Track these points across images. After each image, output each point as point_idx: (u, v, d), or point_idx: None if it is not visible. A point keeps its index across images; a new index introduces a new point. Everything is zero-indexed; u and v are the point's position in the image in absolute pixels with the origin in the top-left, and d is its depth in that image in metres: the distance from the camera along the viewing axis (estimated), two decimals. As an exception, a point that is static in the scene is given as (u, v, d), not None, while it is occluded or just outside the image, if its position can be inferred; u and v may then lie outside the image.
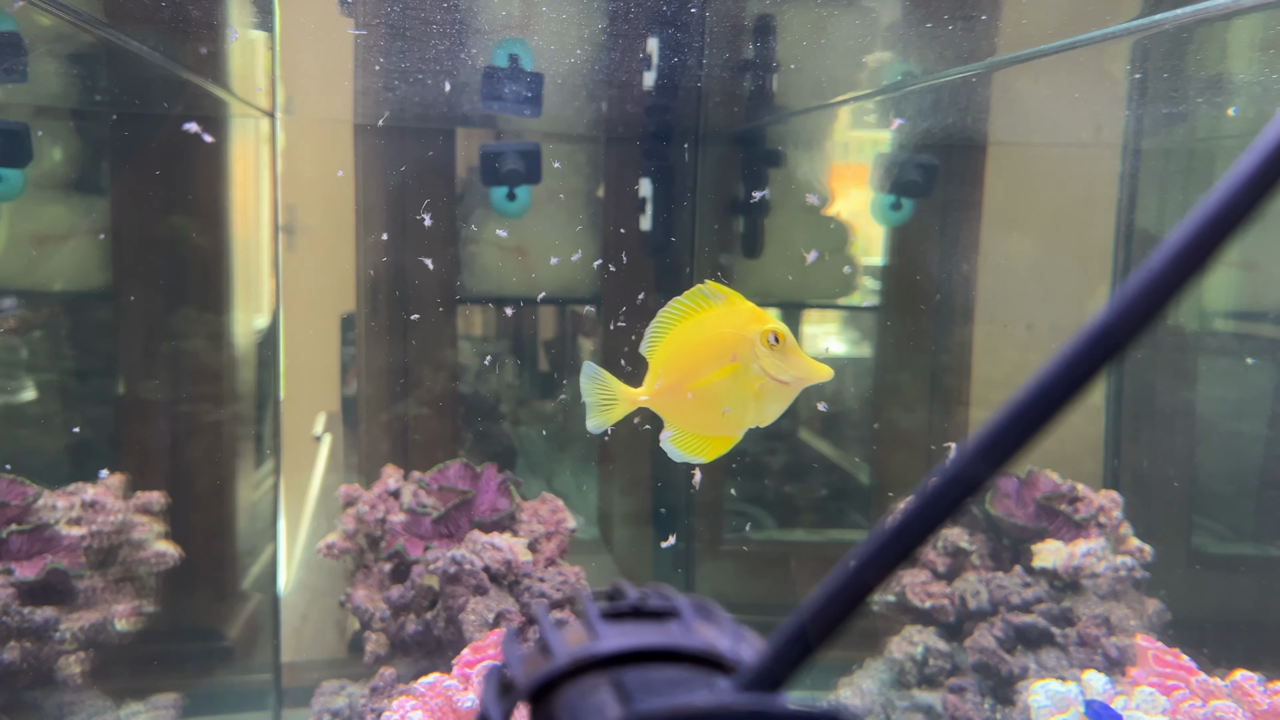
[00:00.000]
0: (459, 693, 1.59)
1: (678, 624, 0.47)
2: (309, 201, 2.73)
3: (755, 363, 1.37)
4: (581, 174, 2.88)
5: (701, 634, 0.46)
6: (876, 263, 2.97)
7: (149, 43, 2.18)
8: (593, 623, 0.46)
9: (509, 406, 2.97)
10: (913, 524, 0.38)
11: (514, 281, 2.85)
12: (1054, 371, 0.36)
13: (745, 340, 1.37)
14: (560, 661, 0.43)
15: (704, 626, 0.47)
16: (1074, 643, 2.00)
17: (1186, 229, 0.34)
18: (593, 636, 0.45)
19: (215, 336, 2.65)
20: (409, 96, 2.53)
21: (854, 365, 3.17)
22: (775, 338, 1.35)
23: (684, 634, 0.45)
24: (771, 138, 2.89)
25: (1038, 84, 2.48)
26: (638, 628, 0.46)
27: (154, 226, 2.58)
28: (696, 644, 0.44)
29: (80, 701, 2.05)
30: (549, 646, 0.45)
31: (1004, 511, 2.31)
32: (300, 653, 2.70)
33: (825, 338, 3.18)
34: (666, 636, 0.45)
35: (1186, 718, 1.64)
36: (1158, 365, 2.87)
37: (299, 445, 2.81)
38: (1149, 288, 0.35)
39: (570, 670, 0.43)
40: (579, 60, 2.39)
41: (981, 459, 0.36)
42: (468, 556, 1.99)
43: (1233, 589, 2.83)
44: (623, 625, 0.46)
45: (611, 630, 0.45)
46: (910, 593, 2.29)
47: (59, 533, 2.08)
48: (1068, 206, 2.88)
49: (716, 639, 0.45)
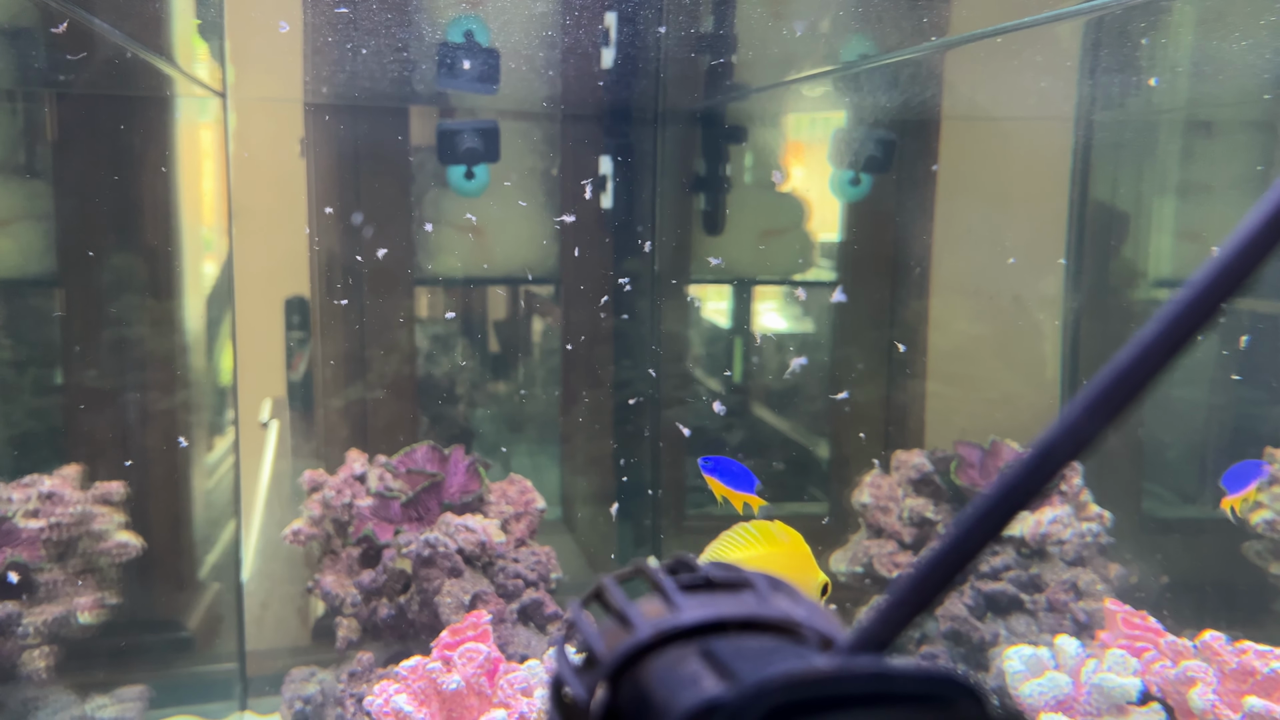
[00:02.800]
0: (442, 674, 1.58)
1: (752, 594, 0.46)
2: (260, 182, 2.67)
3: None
4: (538, 152, 2.86)
5: (778, 604, 0.46)
6: (834, 238, 2.99)
7: (93, 18, 2.12)
8: (670, 594, 0.45)
9: (465, 388, 2.95)
10: (1016, 487, 0.39)
11: (471, 261, 2.83)
12: (1156, 331, 0.36)
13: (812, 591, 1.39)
14: (644, 633, 0.43)
15: (778, 596, 0.47)
16: (1043, 608, 2.04)
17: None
18: (673, 608, 0.44)
19: (165, 322, 2.59)
20: (361, 74, 2.48)
21: (811, 340, 3.19)
22: (825, 589, 1.41)
23: (761, 604, 0.45)
24: (732, 114, 2.89)
25: (990, 58, 2.51)
26: (714, 598, 0.46)
27: (99, 210, 2.51)
28: (776, 613, 0.44)
29: (45, 697, 2.00)
30: (629, 619, 0.45)
31: (969, 481, 2.35)
32: (263, 641, 2.67)
33: (782, 314, 3.20)
34: (745, 606, 0.45)
35: (1158, 678, 1.69)
36: (1107, 336, 2.93)
37: (254, 431, 2.76)
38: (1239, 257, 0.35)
39: (654, 643, 0.43)
40: (536, 36, 2.37)
41: (1090, 416, 0.36)
42: (441, 539, 1.98)
43: (1181, 551, 2.92)
44: (699, 596, 0.46)
45: (690, 601, 0.45)
46: (878, 563, 2.32)
47: (16, 526, 2.03)
48: (1022, 179, 2.92)
49: (792, 609, 0.45)
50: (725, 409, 3.01)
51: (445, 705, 1.59)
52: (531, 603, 2.02)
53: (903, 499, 2.38)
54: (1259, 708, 1.58)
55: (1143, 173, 2.98)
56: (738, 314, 3.15)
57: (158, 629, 2.58)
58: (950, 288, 2.93)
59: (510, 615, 1.99)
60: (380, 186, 2.68)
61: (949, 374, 2.95)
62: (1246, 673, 1.63)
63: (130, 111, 2.50)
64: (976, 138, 2.95)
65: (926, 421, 2.93)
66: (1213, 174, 2.96)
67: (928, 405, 2.95)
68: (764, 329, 3.15)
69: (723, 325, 3.17)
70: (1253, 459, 2.36)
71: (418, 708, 1.57)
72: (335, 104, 2.67)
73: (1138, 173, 2.97)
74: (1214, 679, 1.65)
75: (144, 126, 2.51)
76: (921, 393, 2.96)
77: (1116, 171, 2.93)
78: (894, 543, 2.35)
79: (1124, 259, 2.98)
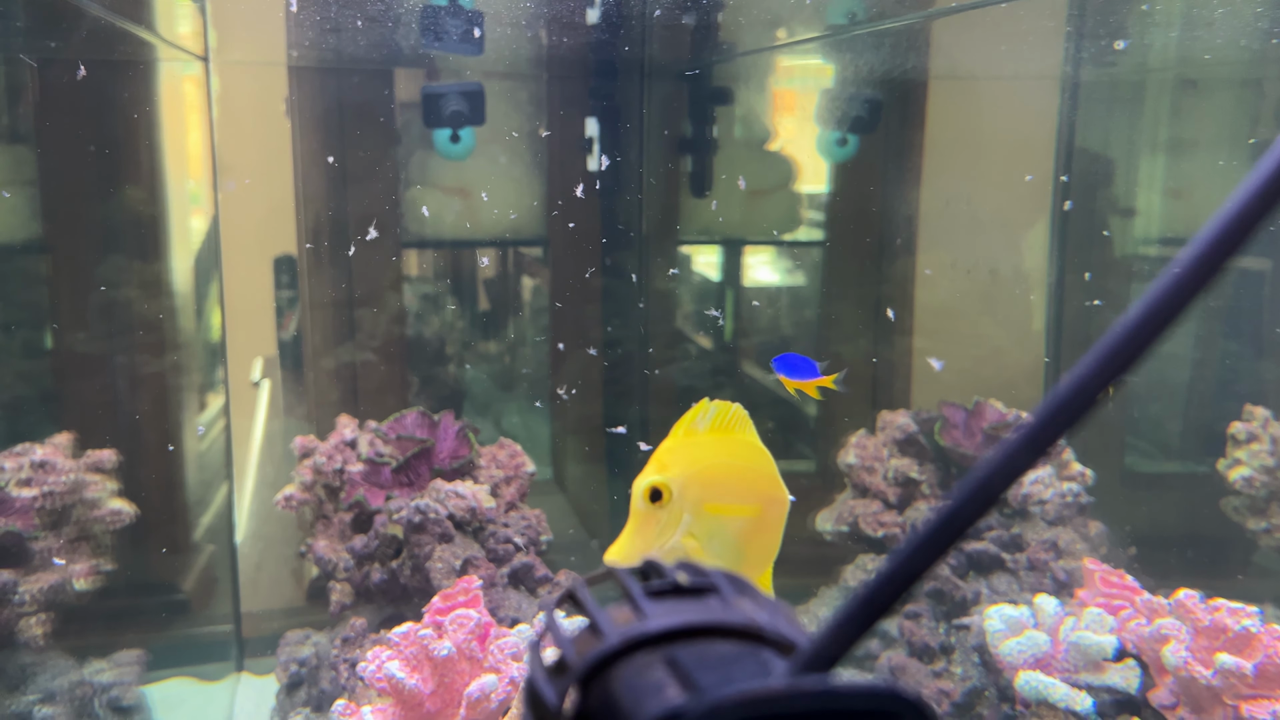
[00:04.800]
0: (434, 641, 1.62)
1: (717, 599, 0.48)
2: (245, 146, 2.67)
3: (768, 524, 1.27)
4: (524, 113, 2.85)
5: (741, 608, 0.48)
6: (822, 198, 2.99)
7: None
8: (639, 601, 0.47)
9: (455, 349, 2.96)
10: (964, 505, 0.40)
11: (458, 223, 2.83)
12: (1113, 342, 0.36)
13: (783, 502, 1.27)
14: (613, 641, 0.45)
15: (742, 600, 0.49)
16: (1024, 567, 2.08)
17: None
18: (640, 615, 0.46)
19: (153, 284, 2.59)
20: (345, 37, 2.47)
21: (797, 299, 3.21)
22: (657, 494, 1.23)
23: (725, 610, 0.47)
24: (719, 75, 2.88)
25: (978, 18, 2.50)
26: (680, 605, 0.48)
27: (84, 175, 2.50)
28: (739, 619, 0.46)
29: (43, 663, 2.03)
30: (599, 626, 0.47)
31: (952, 442, 2.38)
32: (258, 602, 2.70)
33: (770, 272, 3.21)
34: (710, 613, 0.47)
35: (1134, 635, 1.73)
36: (1091, 292, 2.95)
37: (244, 393, 2.78)
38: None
39: (622, 649, 0.45)
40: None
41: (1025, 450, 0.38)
42: (432, 505, 2.00)
43: (1162, 506, 2.96)
44: (666, 603, 0.48)
45: (657, 608, 0.47)
46: (863, 522, 2.36)
47: (9, 495, 2.04)
48: (1008, 139, 2.92)
49: (755, 613, 0.47)
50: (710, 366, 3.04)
51: (437, 671, 1.63)
52: (522, 566, 2.06)
53: (887, 459, 2.41)
54: (1230, 664, 1.62)
55: (1128, 130, 2.98)
56: (727, 273, 3.16)
57: (153, 592, 2.61)
58: (937, 245, 2.94)
59: (501, 579, 2.02)
60: (366, 148, 2.67)
61: (936, 330, 2.97)
62: (1219, 630, 1.67)
63: (113, 76, 2.49)
64: (964, 97, 2.94)
65: (913, 379, 2.96)
66: (1199, 131, 2.96)
67: (914, 362, 2.97)
68: (754, 285, 3.16)
69: (711, 284, 3.18)
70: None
71: (410, 674, 1.60)
72: (319, 67, 2.65)
73: (1123, 130, 2.97)
74: (1187, 636, 1.69)
75: (127, 91, 2.50)
76: (909, 349, 2.98)
77: (1102, 129, 2.93)
78: (879, 502, 2.38)
79: (1110, 214, 2.99)
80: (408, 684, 1.59)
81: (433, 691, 1.63)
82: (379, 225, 2.68)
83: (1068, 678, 1.74)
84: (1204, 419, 2.90)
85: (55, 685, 2.01)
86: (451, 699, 1.64)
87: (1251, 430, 2.40)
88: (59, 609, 2.06)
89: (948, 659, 2.02)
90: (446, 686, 1.64)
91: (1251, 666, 1.61)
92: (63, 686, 2.01)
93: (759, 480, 1.28)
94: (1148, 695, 1.75)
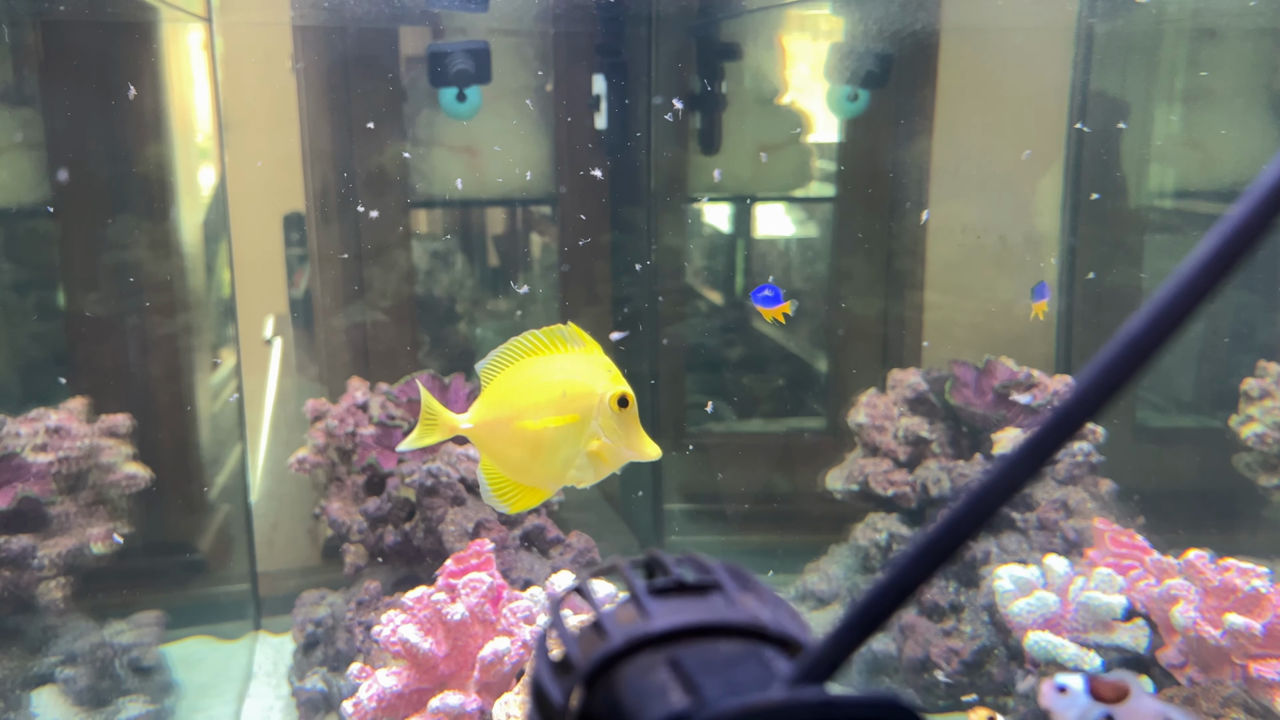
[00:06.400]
0: (447, 605, 1.63)
1: (721, 597, 0.49)
2: (252, 105, 2.65)
3: (597, 421, 1.28)
4: (530, 70, 2.82)
5: (744, 606, 0.48)
6: (832, 154, 2.97)
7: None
8: (642, 600, 0.48)
9: (465, 307, 2.96)
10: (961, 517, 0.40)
11: (466, 182, 2.81)
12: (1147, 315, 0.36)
13: (596, 396, 1.28)
14: (617, 641, 0.45)
15: (745, 597, 0.49)
16: (1034, 527, 2.09)
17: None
18: (644, 615, 0.47)
19: (162, 244, 2.59)
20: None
21: (809, 257, 3.19)
22: (625, 401, 1.28)
23: (728, 608, 0.48)
24: (728, 30, 2.84)
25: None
26: (684, 603, 0.48)
27: (90, 136, 2.49)
28: (742, 618, 0.47)
29: (64, 625, 2.07)
30: (603, 626, 0.47)
31: (963, 400, 2.37)
32: (274, 562, 2.73)
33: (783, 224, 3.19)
34: (713, 612, 0.47)
35: (1143, 595, 1.73)
36: (1104, 243, 2.92)
37: (255, 352, 2.78)
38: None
39: (626, 649, 0.45)
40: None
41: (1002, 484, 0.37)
42: (444, 469, 2.02)
43: (1175, 460, 2.96)
44: (669, 601, 0.48)
45: (660, 607, 0.47)
46: (873, 481, 2.37)
47: (26, 460, 2.07)
48: (1020, 91, 2.88)
49: (759, 610, 0.48)
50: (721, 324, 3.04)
51: (450, 634, 1.65)
52: (534, 528, 2.07)
53: (898, 418, 2.41)
54: (1239, 624, 1.63)
55: (1143, 79, 2.93)
56: (736, 229, 3.15)
57: (171, 552, 2.64)
58: (950, 196, 2.90)
59: (513, 541, 2.04)
60: (373, 107, 2.65)
61: (947, 285, 2.95)
62: (1228, 590, 1.67)
63: (117, 37, 2.47)
64: (977, 50, 2.90)
65: (925, 333, 2.95)
66: (1215, 82, 2.92)
67: (925, 317, 2.95)
68: (763, 239, 3.15)
69: (721, 241, 3.16)
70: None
71: (423, 637, 1.62)
72: (324, 26, 2.62)
73: (1138, 79, 2.92)
74: (1196, 597, 1.70)
75: (132, 53, 2.48)
76: (920, 304, 2.97)
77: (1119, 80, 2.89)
78: (889, 461, 2.38)
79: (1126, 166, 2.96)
80: (421, 647, 1.61)
81: (446, 654, 1.65)
82: (385, 186, 2.67)
83: (1077, 637, 1.75)
84: (1218, 373, 2.89)
85: (76, 647, 2.04)
86: (465, 662, 1.66)
87: (1264, 387, 2.39)
88: (78, 572, 2.09)
89: (958, 617, 2.04)
90: (460, 649, 1.66)
91: (1260, 626, 1.62)
92: (84, 648, 2.04)
93: (580, 388, 1.31)
94: (1156, 654, 1.76)
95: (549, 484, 1.35)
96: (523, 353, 1.34)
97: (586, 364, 1.31)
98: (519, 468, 1.34)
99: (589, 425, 1.29)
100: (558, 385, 1.30)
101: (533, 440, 1.30)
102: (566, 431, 1.29)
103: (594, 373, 1.30)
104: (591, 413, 1.29)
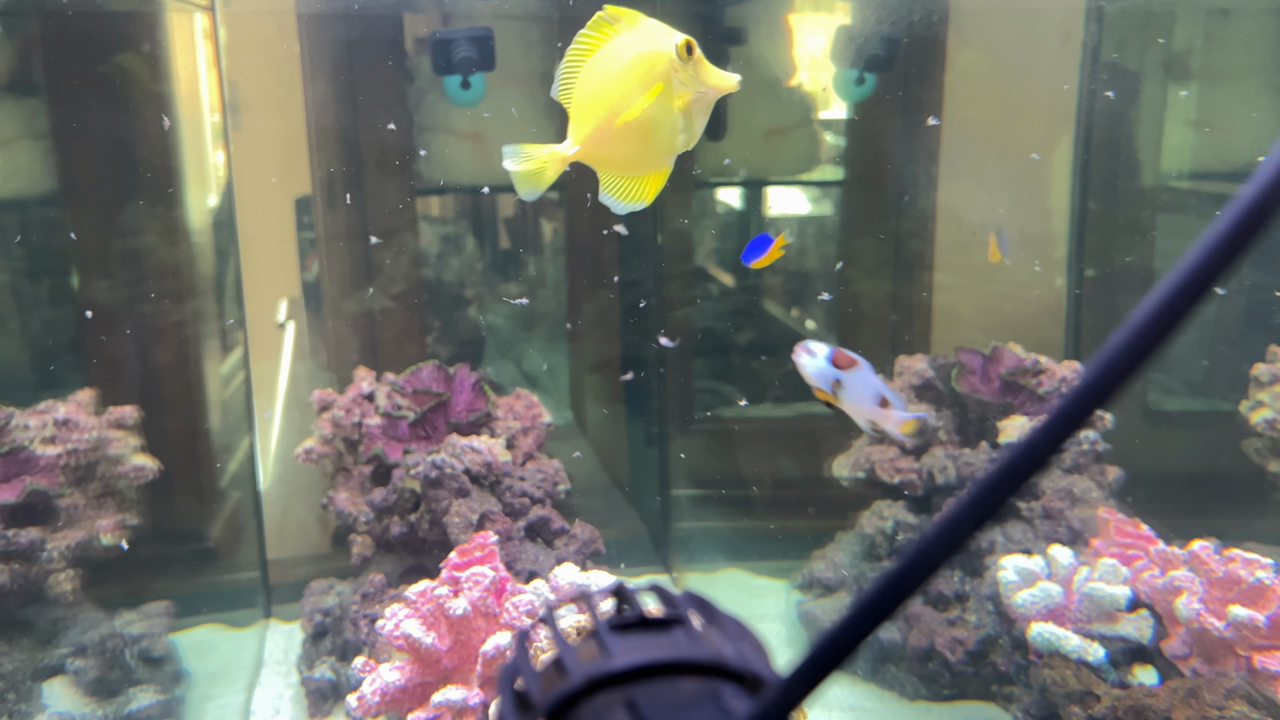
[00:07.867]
0: (449, 599, 1.64)
1: (683, 632, 0.49)
2: (257, 94, 2.65)
3: (677, 79, 1.31)
4: (536, 54, 2.81)
5: (707, 641, 0.48)
6: (840, 138, 2.94)
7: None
8: (604, 638, 0.48)
9: (474, 293, 2.96)
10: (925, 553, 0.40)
11: (473, 168, 2.81)
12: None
13: (667, 58, 1.30)
14: (576, 681, 0.45)
15: (709, 631, 0.49)
16: (1039, 516, 2.08)
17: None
18: (605, 653, 0.47)
19: (170, 232, 2.59)
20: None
21: (818, 239, 3.17)
22: (690, 48, 1.30)
23: (690, 644, 0.47)
24: (734, 13, 2.81)
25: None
26: (646, 639, 0.48)
27: (97, 125, 2.50)
28: (704, 654, 0.47)
29: (74, 617, 2.09)
30: (564, 664, 0.47)
31: (970, 388, 2.36)
32: (284, 549, 2.74)
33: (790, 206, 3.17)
34: (675, 649, 0.47)
35: (1148, 586, 1.73)
36: (1116, 224, 2.89)
37: (265, 337, 2.79)
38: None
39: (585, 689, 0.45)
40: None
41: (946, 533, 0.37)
42: (448, 460, 2.02)
43: (1185, 443, 2.94)
44: (631, 638, 0.48)
45: (622, 645, 0.47)
46: (880, 469, 2.36)
47: (34, 453, 2.08)
48: (1030, 72, 2.85)
49: (721, 644, 0.47)
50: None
51: (453, 628, 1.65)
52: (538, 520, 2.08)
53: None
54: (1243, 616, 1.62)
55: (1156, 60, 2.89)
56: (744, 212, 3.13)
57: (181, 540, 2.66)
58: (959, 176, 2.88)
59: (517, 533, 2.04)
60: (378, 95, 2.64)
61: (956, 266, 2.93)
62: (1232, 581, 1.66)
63: (121, 26, 2.47)
64: (985, 29, 2.86)
65: (934, 316, 2.93)
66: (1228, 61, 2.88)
67: (935, 300, 2.94)
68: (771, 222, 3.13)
69: (729, 224, 3.15)
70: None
71: (426, 632, 1.63)
72: (327, 14, 2.61)
73: (1151, 60, 2.89)
74: (1200, 589, 1.69)
75: (136, 41, 2.48)
76: (929, 285, 2.95)
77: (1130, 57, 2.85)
78: (896, 449, 2.38)
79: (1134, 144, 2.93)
80: (424, 642, 1.62)
81: (449, 649, 1.66)
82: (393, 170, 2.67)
83: (1081, 628, 1.75)
84: (1229, 355, 2.86)
85: (86, 639, 2.06)
86: (468, 655, 1.67)
87: (1275, 372, 2.37)
88: (87, 563, 2.11)
89: (962, 607, 2.03)
90: (463, 643, 1.67)
91: (1265, 618, 1.61)
92: (94, 640, 2.06)
93: (649, 58, 1.33)
94: (1160, 645, 1.75)
95: (666, 160, 1.38)
96: (583, 58, 1.36)
97: (639, 34, 1.34)
98: (636, 160, 1.37)
99: (674, 86, 1.31)
100: (631, 68, 1.32)
101: (638, 128, 1.33)
102: (660, 103, 1.32)
103: (651, 38, 1.33)
104: (670, 75, 1.31)
